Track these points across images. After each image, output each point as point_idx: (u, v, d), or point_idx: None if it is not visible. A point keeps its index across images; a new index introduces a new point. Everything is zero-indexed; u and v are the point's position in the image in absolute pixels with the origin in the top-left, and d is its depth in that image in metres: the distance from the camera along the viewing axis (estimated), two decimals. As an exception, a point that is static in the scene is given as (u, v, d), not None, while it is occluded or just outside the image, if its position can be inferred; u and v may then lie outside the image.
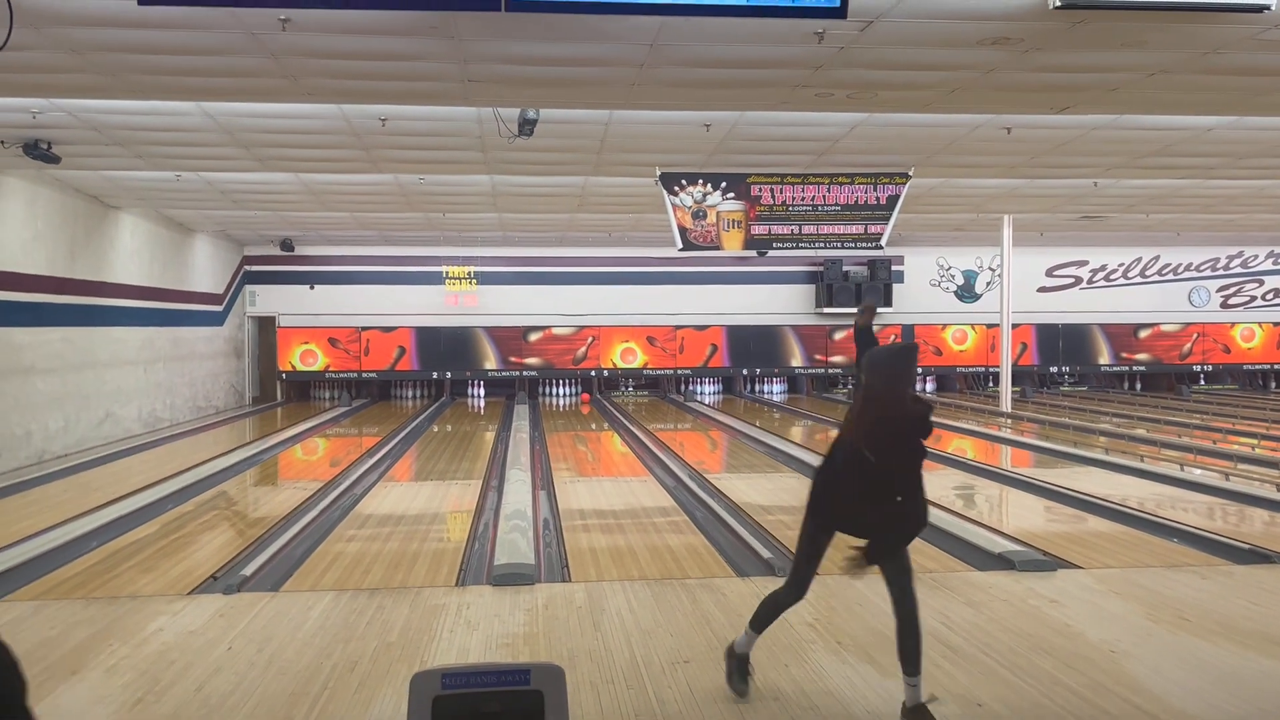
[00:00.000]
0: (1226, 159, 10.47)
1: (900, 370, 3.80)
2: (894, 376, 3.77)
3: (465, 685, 2.23)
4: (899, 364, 3.80)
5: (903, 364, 3.81)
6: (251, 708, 4.00)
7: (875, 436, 3.73)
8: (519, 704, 2.22)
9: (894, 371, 3.78)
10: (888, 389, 3.76)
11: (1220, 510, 8.14)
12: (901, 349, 3.88)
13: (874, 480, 3.74)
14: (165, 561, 6.52)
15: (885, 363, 3.81)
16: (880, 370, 3.80)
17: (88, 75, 6.51)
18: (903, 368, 3.80)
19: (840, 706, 4.00)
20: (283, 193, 12.38)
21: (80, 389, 12.18)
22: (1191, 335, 20.75)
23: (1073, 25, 5.61)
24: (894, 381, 3.76)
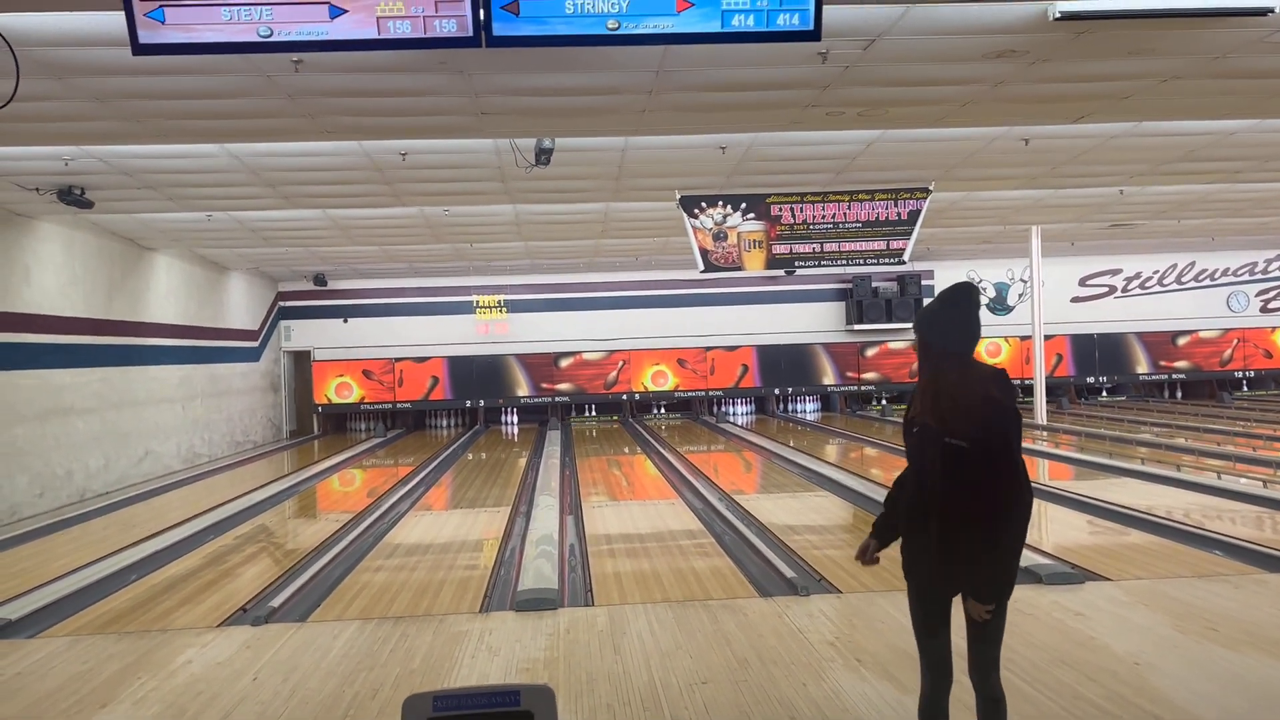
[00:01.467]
0: (1253, 162, 10.34)
1: (953, 319, 3.07)
2: (949, 328, 3.07)
3: (456, 708, 2.28)
4: (951, 312, 3.08)
5: (957, 312, 3.07)
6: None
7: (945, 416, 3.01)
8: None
9: (948, 321, 3.08)
10: (943, 351, 3.06)
11: (1257, 518, 7.99)
12: (954, 290, 3.13)
13: (961, 485, 2.96)
14: (199, 595, 6.64)
15: (934, 313, 3.13)
16: (931, 324, 3.11)
17: (113, 122, 6.72)
18: (959, 316, 3.07)
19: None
20: (311, 229, 12.61)
21: (119, 427, 12.44)
22: (1231, 341, 20.40)
23: (1077, 35, 5.61)
24: (949, 337, 3.07)
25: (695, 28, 4.24)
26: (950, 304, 3.09)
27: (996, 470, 2.94)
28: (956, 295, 3.11)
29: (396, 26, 3.76)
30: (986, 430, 2.95)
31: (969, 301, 3.10)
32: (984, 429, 2.95)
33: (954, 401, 2.99)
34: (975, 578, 3.04)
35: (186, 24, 3.67)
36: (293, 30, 3.71)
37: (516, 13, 3.85)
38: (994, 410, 2.97)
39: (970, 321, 3.09)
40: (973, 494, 2.94)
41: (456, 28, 3.78)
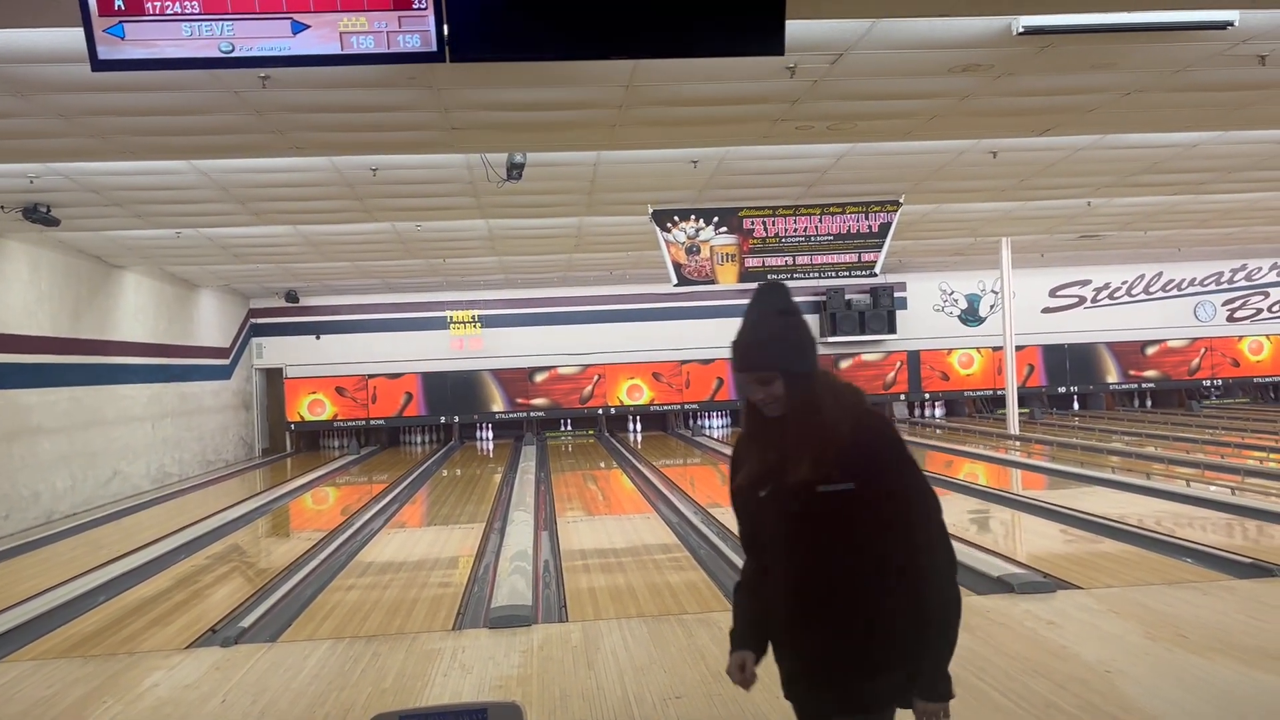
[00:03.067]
0: (1216, 173, 10.50)
1: (792, 326, 2.28)
2: (795, 340, 2.27)
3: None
4: (788, 320, 2.29)
5: (793, 318, 2.29)
6: (241, 759, 4.01)
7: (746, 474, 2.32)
8: (477, 743, 2.24)
9: (788, 330, 2.28)
10: (791, 375, 2.24)
11: (1225, 525, 8.07)
12: (770, 294, 2.33)
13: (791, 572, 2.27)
14: (168, 616, 6.55)
15: (769, 327, 2.28)
16: (772, 343, 2.26)
17: (78, 139, 6.66)
18: (796, 322, 2.29)
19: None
20: (282, 245, 12.53)
21: (87, 448, 12.28)
22: (1199, 350, 20.65)
23: (1040, 49, 5.68)
24: (802, 352, 2.27)
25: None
26: (781, 311, 2.29)
27: (903, 515, 2.19)
28: (778, 299, 2.31)
29: (360, 42, 3.75)
30: (878, 463, 2.20)
31: (791, 301, 2.32)
32: (874, 462, 2.19)
33: (821, 432, 2.19)
34: (920, 666, 2.21)
35: (146, 40, 3.64)
36: (254, 46, 3.69)
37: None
38: (876, 433, 2.23)
39: (806, 326, 2.32)
40: (882, 556, 2.18)
41: (420, 43, 3.77)
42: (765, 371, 2.23)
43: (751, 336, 2.27)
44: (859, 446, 2.20)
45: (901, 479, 2.22)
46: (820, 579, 2.22)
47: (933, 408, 20.97)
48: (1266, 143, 9.14)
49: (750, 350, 2.26)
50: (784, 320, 2.28)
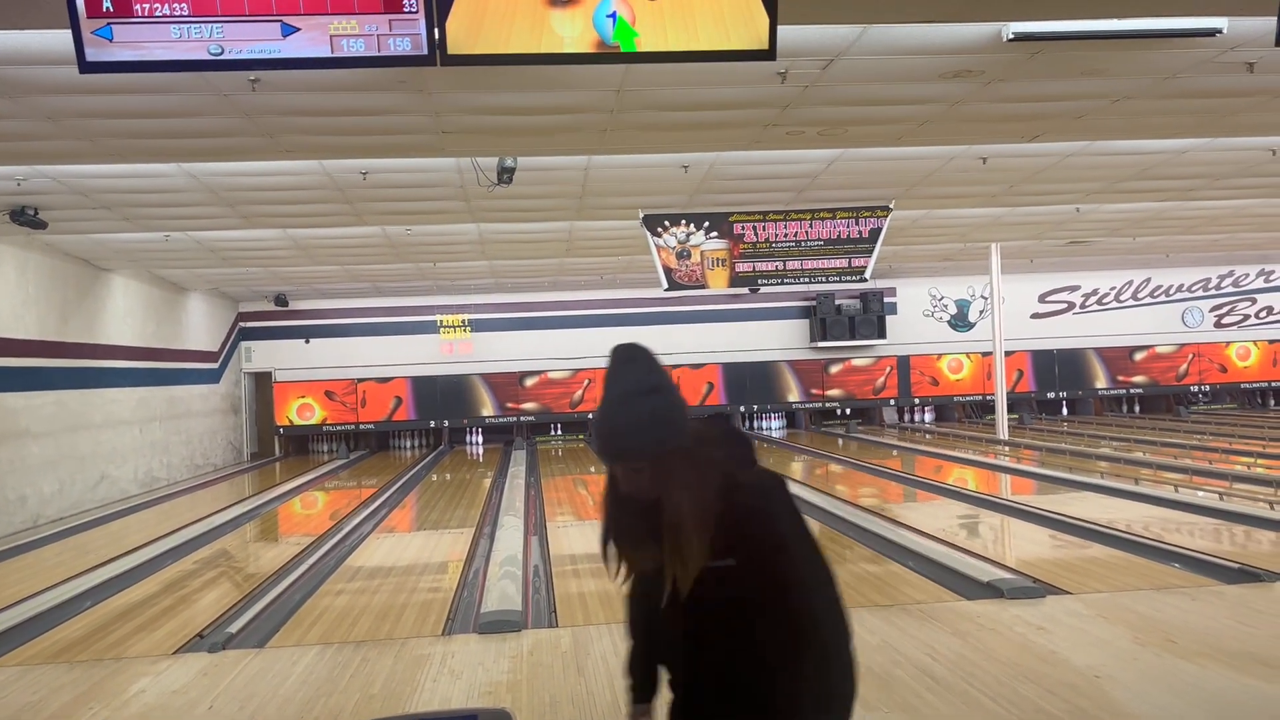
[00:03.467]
0: (1204, 180, 10.55)
1: (665, 404, 2.00)
2: (666, 416, 2.00)
3: (412, 733, 2.23)
4: (650, 400, 2.00)
5: (666, 394, 2.01)
6: (228, 766, 3.98)
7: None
8: (466, 750, 2.23)
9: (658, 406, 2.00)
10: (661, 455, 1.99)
11: (1213, 530, 8.10)
12: (630, 361, 2.06)
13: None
14: (155, 621, 6.50)
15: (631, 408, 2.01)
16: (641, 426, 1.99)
17: (66, 141, 6.62)
18: (669, 397, 2.01)
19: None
20: (272, 249, 12.49)
21: (75, 451, 12.21)
22: (1187, 356, 20.75)
23: (1030, 56, 5.70)
24: (673, 428, 2.00)
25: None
26: (648, 390, 2.00)
27: (783, 597, 1.99)
28: (642, 373, 2.04)
29: (350, 45, 3.74)
30: (752, 541, 2.00)
31: (656, 372, 2.04)
32: (749, 541, 2.00)
33: (697, 512, 1.98)
34: None
35: (135, 42, 3.62)
36: (244, 49, 3.67)
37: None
38: (749, 509, 2.01)
39: (675, 397, 2.02)
40: (767, 639, 2.00)
41: (411, 46, 3.76)
42: (636, 462, 1.99)
43: (616, 422, 2.00)
44: (733, 525, 1.99)
45: (777, 557, 2.00)
46: (710, 660, 2.05)
47: (922, 413, 21.01)
48: (1254, 149, 9.19)
49: (616, 439, 2.00)
50: (651, 401, 1.99)
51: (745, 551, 1.99)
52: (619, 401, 2.01)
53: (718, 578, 1.98)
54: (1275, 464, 11.70)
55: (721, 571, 1.98)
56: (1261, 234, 15.49)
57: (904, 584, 6.70)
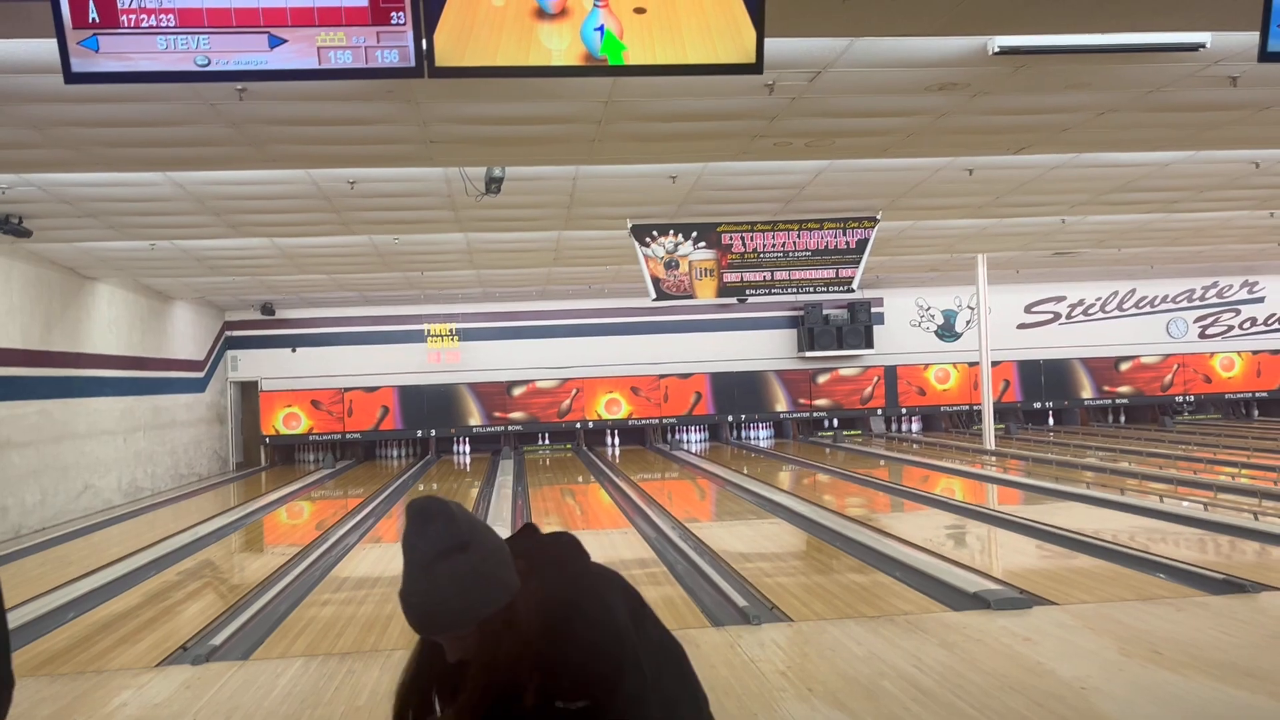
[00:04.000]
0: (1188, 192, 10.63)
1: (481, 564, 1.84)
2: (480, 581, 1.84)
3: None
4: (459, 559, 1.82)
5: (473, 554, 1.84)
6: (211, 780, 3.95)
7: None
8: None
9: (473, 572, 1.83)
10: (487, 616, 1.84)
11: (1198, 541, 8.14)
12: (427, 523, 1.85)
13: None
14: (138, 633, 6.45)
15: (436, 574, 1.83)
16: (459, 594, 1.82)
17: (52, 150, 6.59)
18: (484, 555, 1.85)
19: (807, 755, 3.96)
20: (258, 258, 12.45)
21: (58, 461, 12.12)
22: (1172, 366, 20.87)
23: (1015, 69, 5.74)
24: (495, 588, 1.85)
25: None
26: (445, 550, 1.81)
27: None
28: (437, 535, 1.82)
29: (338, 56, 3.73)
30: (596, 678, 1.85)
31: (454, 527, 1.83)
32: (593, 679, 1.85)
33: (537, 659, 1.83)
34: None
35: (121, 53, 3.60)
36: (230, 60, 3.66)
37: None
38: (587, 646, 1.86)
39: (485, 550, 1.85)
40: None
41: (399, 58, 3.76)
42: (457, 631, 1.83)
43: (424, 598, 1.81)
44: (574, 665, 1.85)
45: (620, 691, 1.86)
46: None
47: (909, 422, 21.07)
48: (1237, 162, 9.27)
49: (428, 615, 1.82)
50: (456, 562, 1.80)
51: (595, 687, 1.84)
52: (422, 570, 1.81)
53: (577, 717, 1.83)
54: (1259, 474, 11.77)
55: (579, 714, 1.83)
56: (1245, 245, 15.61)
57: (891, 595, 6.70)
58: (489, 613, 1.83)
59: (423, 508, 1.86)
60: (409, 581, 1.84)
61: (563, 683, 1.84)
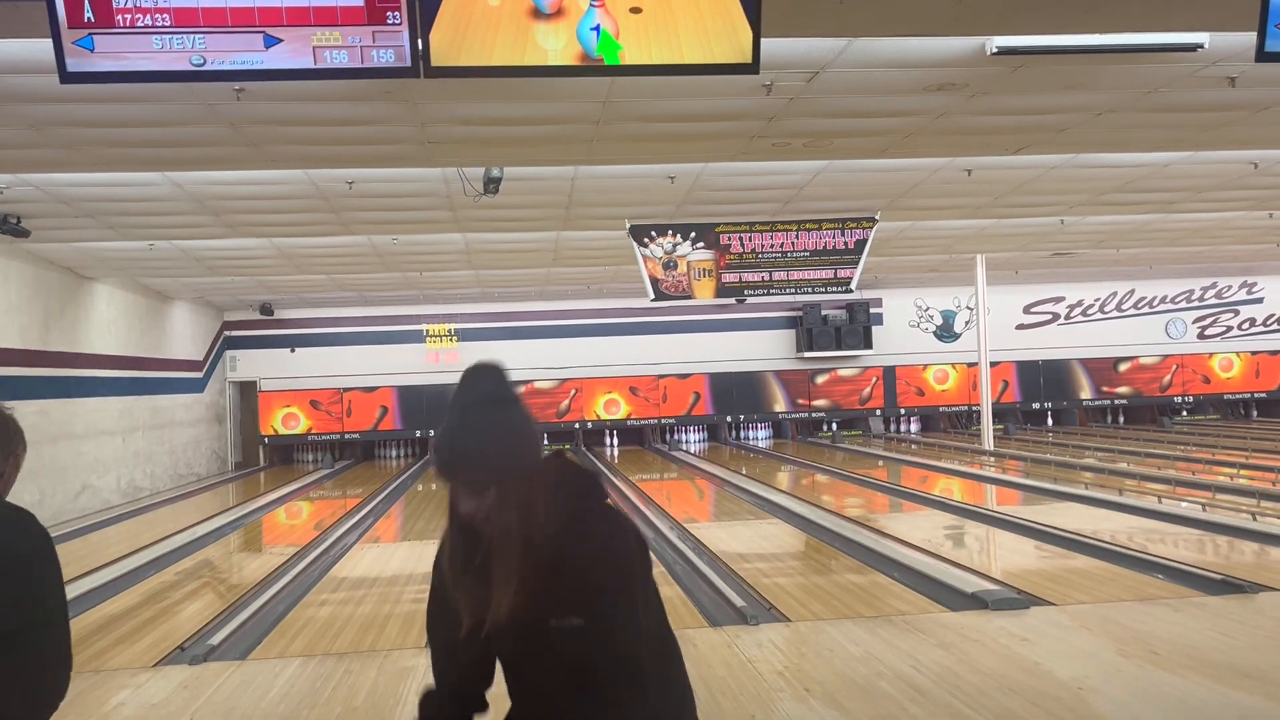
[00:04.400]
0: (1187, 193, 10.63)
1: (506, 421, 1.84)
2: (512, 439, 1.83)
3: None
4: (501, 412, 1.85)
5: (509, 409, 1.86)
6: (208, 781, 3.95)
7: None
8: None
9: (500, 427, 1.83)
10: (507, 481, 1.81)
11: (1196, 541, 8.14)
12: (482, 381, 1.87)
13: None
14: (136, 633, 6.45)
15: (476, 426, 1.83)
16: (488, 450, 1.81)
17: (49, 150, 6.59)
18: (511, 415, 1.86)
19: (804, 756, 3.96)
20: (257, 258, 12.44)
21: (56, 461, 12.11)
22: (1170, 367, 20.88)
23: (1014, 70, 5.74)
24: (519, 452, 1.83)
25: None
26: (496, 401, 1.84)
27: (628, 657, 1.81)
28: (491, 385, 1.87)
29: (333, 56, 3.73)
30: (601, 590, 1.80)
31: (509, 387, 1.89)
32: (596, 591, 1.79)
33: (535, 554, 1.80)
34: None
35: (116, 52, 3.60)
36: (226, 60, 3.66)
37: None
38: (600, 552, 1.82)
39: (528, 417, 1.88)
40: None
41: (394, 58, 3.76)
42: (478, 481, 1.79)
43: (460, 436, 1.80)
44: (580, 571, 1.79)
45: (621, 610, 1.80)
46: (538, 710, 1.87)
47: (908, 423, 21.07)
48: (1236, 163, 9.27)
49: (458, 454, 1.81)
50: (499, 413, 1.82)
51: (595, 601, 1.79)
52: (464, 411, 1.82)
53: (568, 637, 1.79)
54: (1258, 475, 11.77)
55: (571, 632, 1.79)
56: (1244, 246, 15.61)
57: (889, 595, 6.70)
58: (517, 472, 1.81)
59: (480, 362, 1.90)
60: (450, 422, 1.83)
61: (564, 582, 1.78)
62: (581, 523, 1.84)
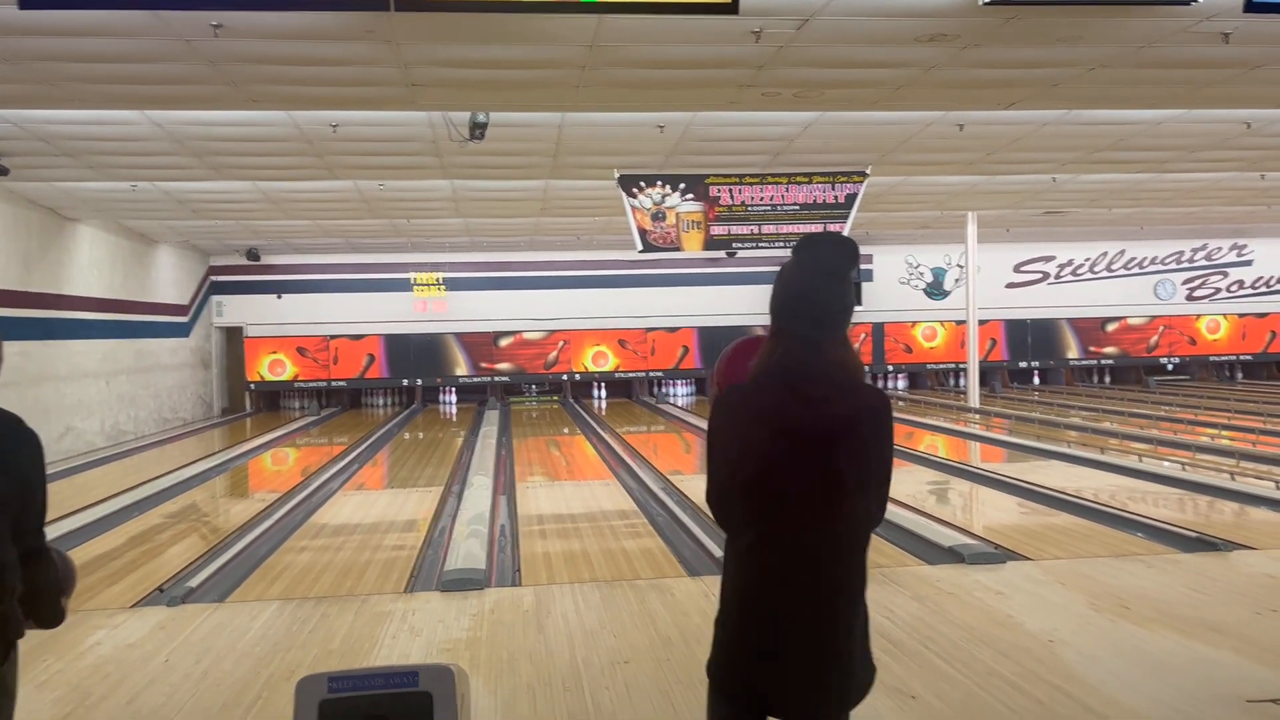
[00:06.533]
0: (1179, 152, 10.57)
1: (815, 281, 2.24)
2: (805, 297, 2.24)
3: (352, 689, 2.22)
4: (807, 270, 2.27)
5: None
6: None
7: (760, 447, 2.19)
8: (407, 706, 2.22)
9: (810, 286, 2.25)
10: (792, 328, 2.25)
11: (1175, 500, 8.20)
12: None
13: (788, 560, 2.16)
14: (116, 575, 6.45)
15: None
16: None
17: (24, 85, 6.46)
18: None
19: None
20: (242, 201, 12.31)
21: (39, 403, 12.05)
22: (1158, 328, 20.93)
23: (1005, 21, 5.65)
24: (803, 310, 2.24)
25: None
26: (847, 273, 2.32)
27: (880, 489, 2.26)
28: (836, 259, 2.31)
29: (303, -13, 3.64)
30: (880, 427, 2.24)
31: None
32: (883, 431, 2.24)
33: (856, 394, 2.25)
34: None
35: (77, -23, 3.51)
36: (191, -14, 3.57)
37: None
38: (877, 397, 2.26)
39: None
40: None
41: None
42: (834, 333, 2.28)
43: (828, 295, 2.27)
44: (873, 412, 2.22)
45: (886, 451, 2.24)
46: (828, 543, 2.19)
47: (895, 380, 21.12)
48: (1229, 122, 9.21)
49: (829, 311, 2.28)
50: (846, 284, 2.32)
51: (876, 436, 2.19)
52: (831, 275, 2.27)
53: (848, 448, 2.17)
54: (1238, 436, 11.85)
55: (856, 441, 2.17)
56: (1235, 208, 15.57)
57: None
58: (846, 329, 2.28)
59: (844, 241, 2.34)
60: (821, 280, 2.27)
61: (864, 422, 2.21)
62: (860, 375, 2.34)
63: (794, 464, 2.14)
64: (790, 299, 2.26)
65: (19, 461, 2.32)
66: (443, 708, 2.19)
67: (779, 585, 2.15)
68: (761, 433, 2.17)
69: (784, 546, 2.15)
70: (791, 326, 2.24)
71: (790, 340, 2.24)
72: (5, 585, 2.27)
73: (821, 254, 2.28)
